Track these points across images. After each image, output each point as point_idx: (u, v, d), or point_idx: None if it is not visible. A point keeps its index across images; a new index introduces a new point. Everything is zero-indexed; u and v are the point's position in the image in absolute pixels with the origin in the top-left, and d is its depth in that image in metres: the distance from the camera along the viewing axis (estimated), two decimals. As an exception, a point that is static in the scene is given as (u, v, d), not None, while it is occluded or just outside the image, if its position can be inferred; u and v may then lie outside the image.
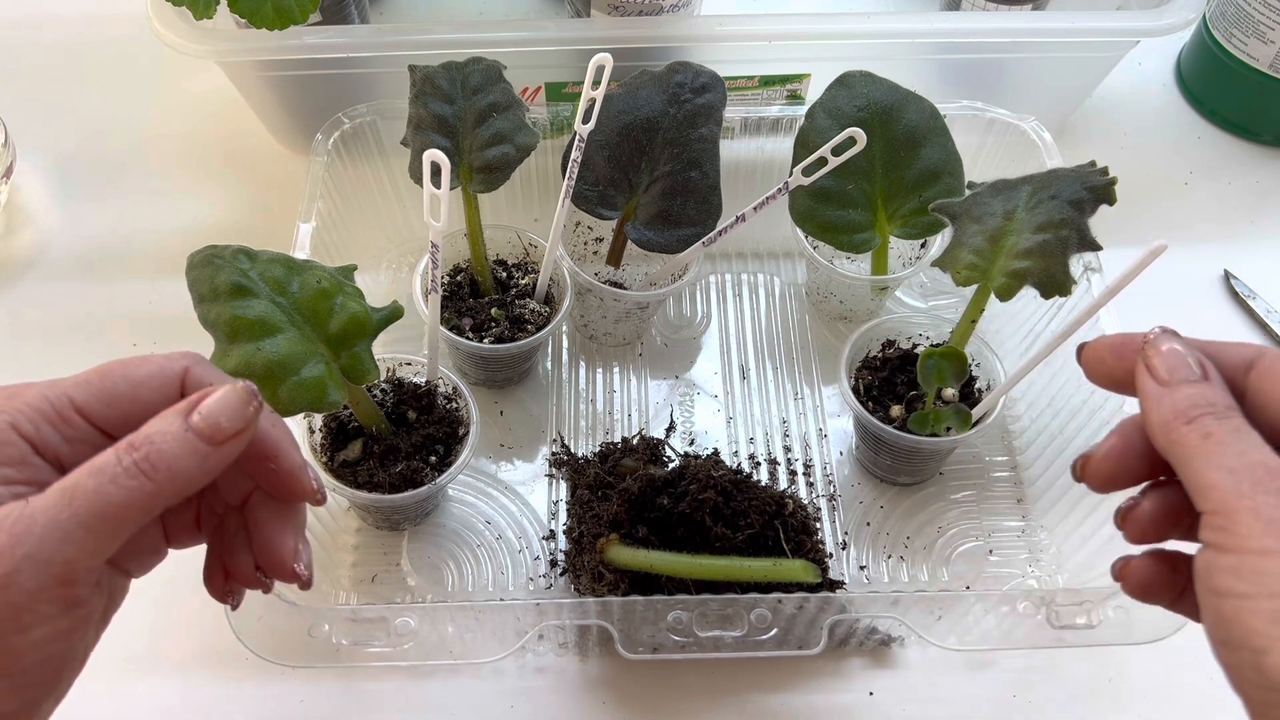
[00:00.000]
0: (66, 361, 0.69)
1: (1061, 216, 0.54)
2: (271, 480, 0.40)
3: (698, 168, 0.61)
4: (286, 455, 0.40)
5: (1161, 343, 0.37)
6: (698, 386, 0.70)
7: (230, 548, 0.41)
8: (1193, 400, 0.35)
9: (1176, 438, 0.34)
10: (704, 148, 0.61)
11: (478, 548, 0.62)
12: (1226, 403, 0.34)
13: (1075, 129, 0.86)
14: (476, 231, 0.64)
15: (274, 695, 0.57)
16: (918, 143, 0.63)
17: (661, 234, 0.62)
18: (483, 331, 0.64)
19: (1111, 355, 0.39)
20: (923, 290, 0.76)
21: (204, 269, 0.49)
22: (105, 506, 0.33)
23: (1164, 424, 0.35)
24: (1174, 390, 0.35)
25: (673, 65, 0.60)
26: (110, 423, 0.37)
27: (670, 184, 0.61)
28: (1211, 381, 0.35)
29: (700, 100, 0.60)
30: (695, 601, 0.51)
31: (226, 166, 0.81)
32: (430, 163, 0.46)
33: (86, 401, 0.37)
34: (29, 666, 0.34)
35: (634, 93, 0.59)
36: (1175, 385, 0.35)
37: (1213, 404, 0.34)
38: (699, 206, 0.62)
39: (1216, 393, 0.35)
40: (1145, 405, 0.36)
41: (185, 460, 0.35)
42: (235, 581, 0.41)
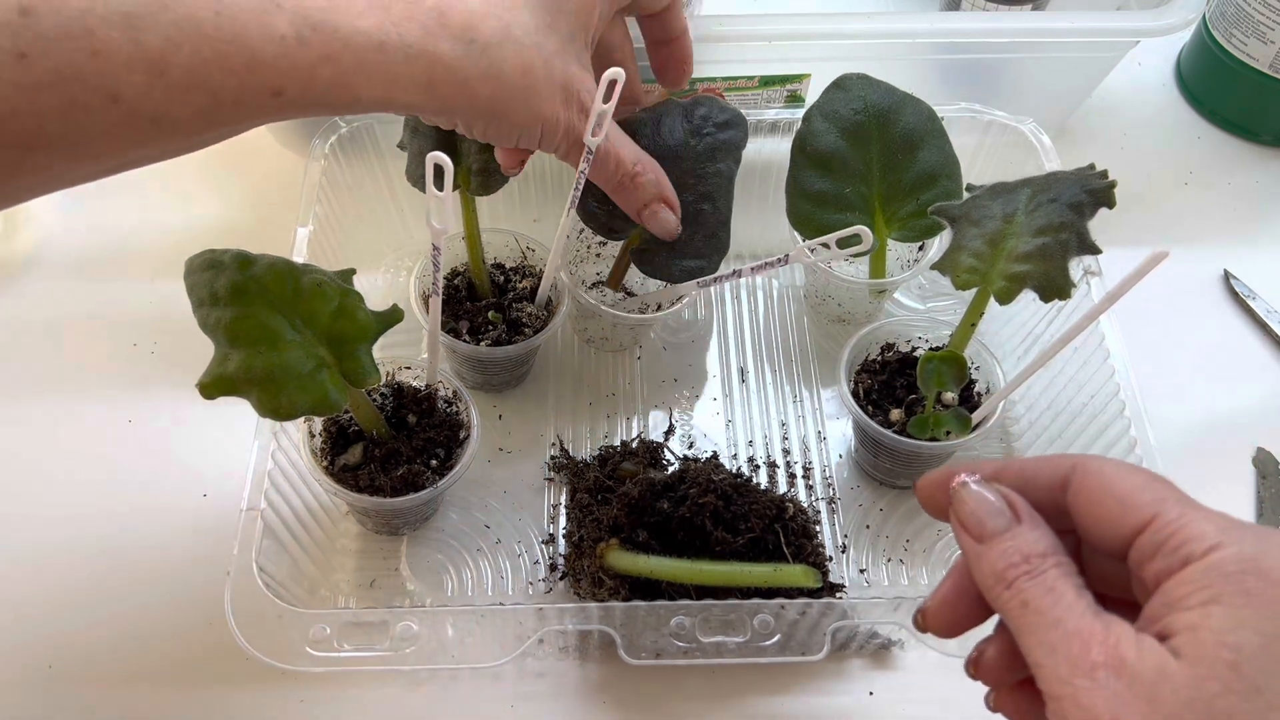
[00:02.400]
0: (66, 361, 0.70)
1: (1061, 220, 0.54)
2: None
3: (710, 201, 0.60)
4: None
5: (966, 491, 0.37)
6: (696, 389, 0.70)
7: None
8: (1007, 558, 0.34)
9: (1001, 605, 0.34)
10: (719, 183, 0.60)
11: (477, 552, 0.62)
12: (1040, 550, 0.34)
13: (1075, 129, 0.86)
14: (474, 235, 0.64)
15: (274, 698, 0.57)
16: (915, 145, 0.63)
17: (666, 263, 0.61)
18: (479, 335, 0.64)
19: (941, 492, 0.38)
20: (921, 293, 0.76)
21: (203, 273, 0.49)
22: None
23: (988, 589, 0.35)
24: (989, 548, 0.35)
25: (697, 98, 0.60)
26: None
27: (681, 214, 0.60)
28: (1024, 522, 0.35)
29: (722, 136, 0.60)
30: (698, 607, 0.51)
31: (227, 167, 0.81)
32: (433, 165, 0.46)
33: None
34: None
35: (658, 121, 0.59)
36: (989, 541, 0.35)
37: (1026, 557, 0.34)
38: (706, 240, 0.61)
39: (1029, 540, 0.35)
40: (969, 563, 0.36)
41: None
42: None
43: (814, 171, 0.63)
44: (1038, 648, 0.33)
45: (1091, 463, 0.36)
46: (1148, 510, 0.33)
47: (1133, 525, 0.33)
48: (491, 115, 0.47)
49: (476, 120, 0.48)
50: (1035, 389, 0.66)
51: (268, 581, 0.51)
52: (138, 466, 0.65)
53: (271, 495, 0.55)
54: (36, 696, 0.56)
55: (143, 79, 0.36)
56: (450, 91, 0.45)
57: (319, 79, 0.40)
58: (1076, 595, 0.33)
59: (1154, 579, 0.32)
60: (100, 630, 0.59)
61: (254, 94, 0.39)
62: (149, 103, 0.37)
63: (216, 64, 0.38)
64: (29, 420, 0.67)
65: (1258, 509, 0.65)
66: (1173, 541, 0.32)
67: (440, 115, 0.47)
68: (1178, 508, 0.33)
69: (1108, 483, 0.35)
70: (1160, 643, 0.31)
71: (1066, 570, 0.34)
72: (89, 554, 0.61)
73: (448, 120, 0.48)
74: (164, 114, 0.37)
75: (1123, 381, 0.59)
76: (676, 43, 0.58)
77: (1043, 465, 0.37)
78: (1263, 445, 0.68)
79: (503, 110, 0.47)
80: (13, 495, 0.64)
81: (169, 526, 0.62)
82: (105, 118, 0.36)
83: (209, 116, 0.39)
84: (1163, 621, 0.31)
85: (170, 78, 0.37)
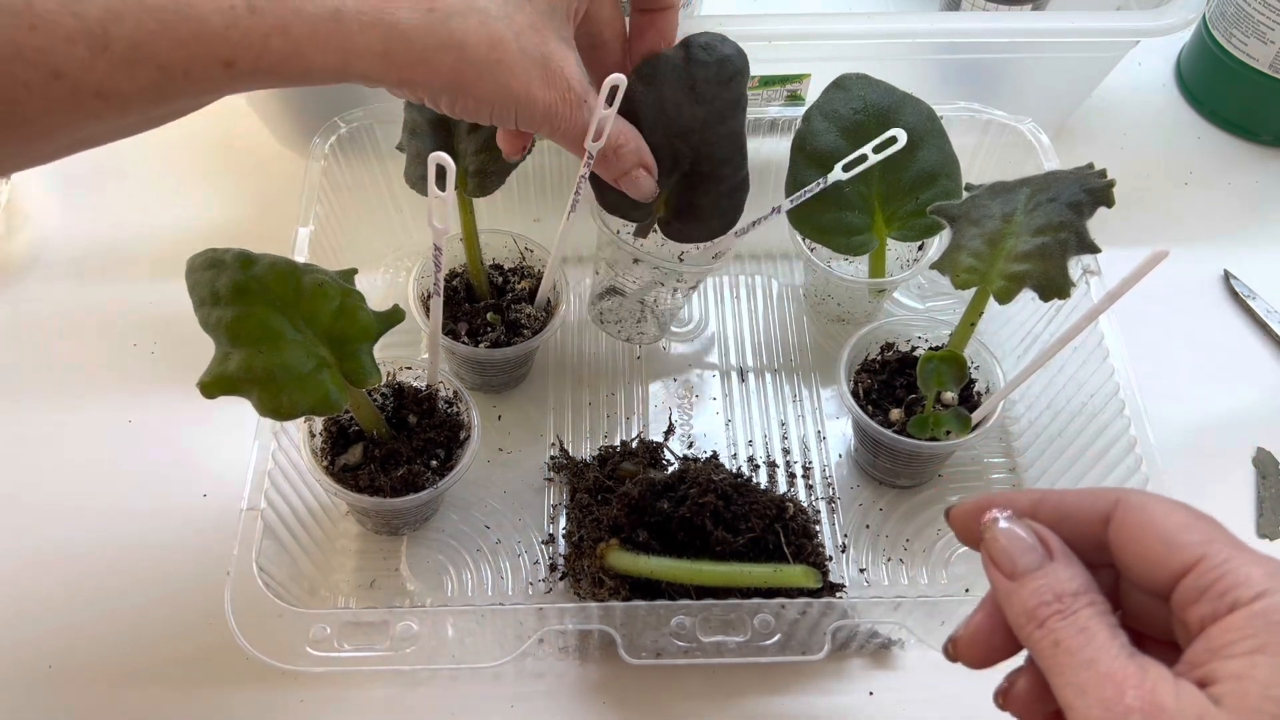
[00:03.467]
0: (66, 361, 0.70)
1: (1060, 219, 0.54)
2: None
3: (729, 164, 0.59)
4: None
5: (997, 529, 0.36)
6: (696, 389, 0.70)
7: None
8: (1039, 597, 0.34)
9: (1032, 644, 0.34)
10: (732, 142, 0.59)
11: (477, 552, 0.62)
12: (1074, 589, 0.33)
13: (1075, 129, 0.86)
14: (472, 236, 0.64)
15: (274, 698, 0.57)
16: (914, 145, 0.63)
17: (693, 227, 0.61)
18: (478, 336, 0.64)
19: (974, 523, 0.37)
20: (920, 292, 0.76)
21: (205, 272, 0.49)
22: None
23: (1019, 627, 0.34)
24: (1021, 586, 0.34)
25: (691, 49, 0.56)
26: None
27: (702, 179, 0.59)
28: (1057, 560, 0.34)
29: (726, 94, 0.57)
30: (698, 607, 0.51)
31: (227, 166, 0.81)
32: (435, 165, 0.46)
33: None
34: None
35: (658, 92, 0.56)
36: (1021, 579, 0.34)
37: (1059, 596, 0.33)
38: (730, 198, 0.60)
39: (1062, 578, 0.34)
40: (1000, 602, 0.35)
41: None
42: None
43: (814, 170, 0.63)
44: (1068, 688, 0.32)
45: (1135, 497, 0.34)
46: (1194, 551, 0.32)
47: (1178, 566, 0.32)
48: (455, 88, 0.45)
49: (440, 94, 0.46)
50: (1035, 388, 0.66)
51: (268, 581, 0.51)
52: (138, 466, 0.65)
53: (271, 495, 0.55)
54: (36, 696, 0.57)
55: (85, 53, 0.35)
56: (408, 61, 0.43)
57: (271, 50, 0.39)
58: (1110, 636, 0.32)
59: (1198, 623, 0.31)
60: (100, 630, 0.59)
61: (204, 66, 0.38)
62: (92, 77, 0.36)
63: (163, 35, 0.36)
64: (29, 420, 0.67)
65: (1258, 509, 0.65)
66: (1219, 586, 0.31)
67: (402, 87, 0.45)
68: (1226, 550, 0.32)
69: (1152, 520, 0.34)
70: (1200, 689, 0.30)
71: (1101, 610, 0.33)
72: (89, 554, 0.61)
73: (412, 92, 0.46)
74: (111, 89, 0.36)
75: (1122, 381, 0.59)
76: (663, 15, 0.55)
77: (1084, 499, 0.36)
78: (1263, 445, 0.68)
79: (467, 84, 0.45)
80: (13, 495, 0.64)
81: (169, 526, 0.62)
82: (49, 95, 0.35)
83: (159, 90, 0.38)
84: (1205, 668, 0.30)
85: (114, 51, 0.36)
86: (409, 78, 0.44)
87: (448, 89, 0.45)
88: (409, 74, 0.43)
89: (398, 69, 0.43)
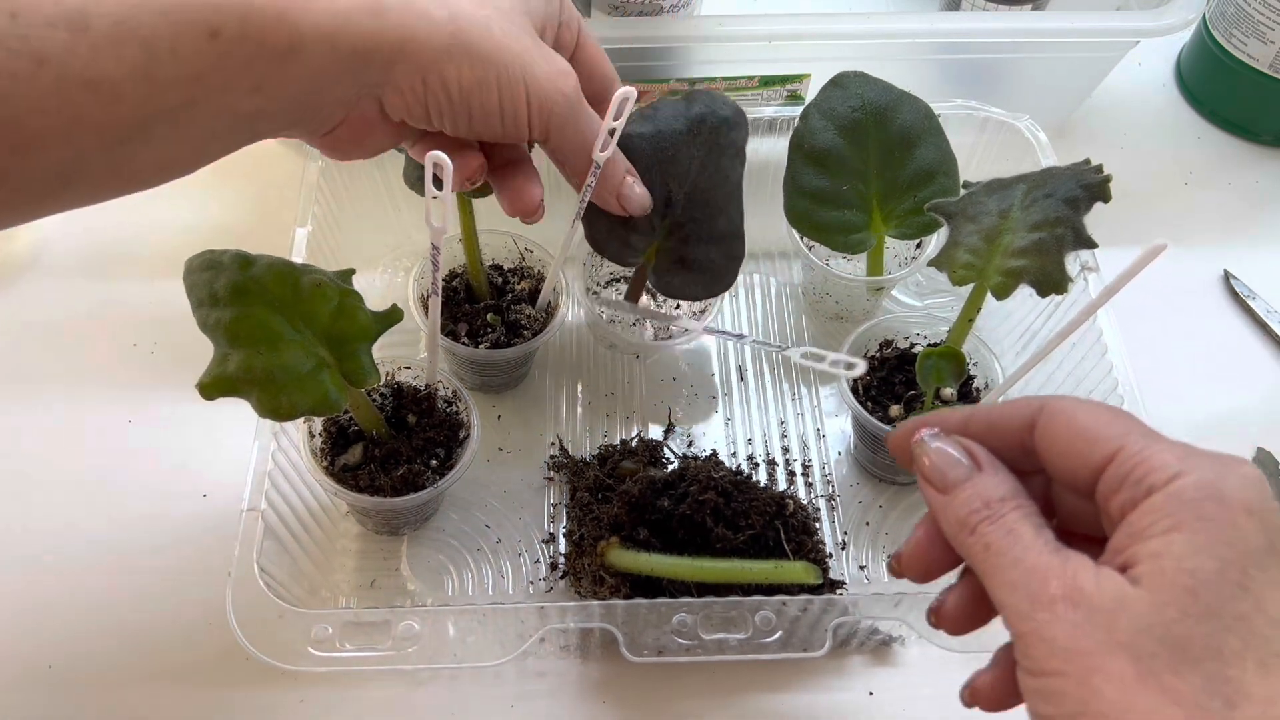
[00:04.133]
0: (66, 362, 0.70)
1: (1057, 215, 0.54)
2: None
3: (723, 214, 0.59)
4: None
5: (928, 446, 0.38)
6: (695, 387, 0.70)
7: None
8: (969, 506, 0.35)
9: (965, 551, 0.35)
10: (728, 191, 0.59)
11: (477, 552, 0.62)
12: (1000, 494, 0.35)
13: (1075, 129, 0.86)
14: (471, 236, 0.64)
15: (275, 698, 0.57)
16: (912, 143, 0.63)
17: (682, 282, 0.61)
18: (478, 337, 0.64)
19: (909, 445, 0.39)
20: (919, 289, 0.76)
21: (203, 273, 0.49)
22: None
23: (953, 536, 0.36)
24: (953, 498, 0.36)
25: (693, 95, 0.58)
26: None
27: (695, 229, 0.59)
28: (984, 470, 0.36)
29: (723, 140, 0.58)
30: (699, 604, 0.51)
31: (226, 167, 0.80)
32: (432, 165, 0.46)
33: None
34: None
35: (656, 128, 0.56)
36: (952, 491, 0.36)
37: (987, 503, 0.35)
38: (724, 254, 0.60)
39: (989, 486, 0.36)
40: (936, 515, 0.37)
41: None
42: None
43: (811, 169, 0.63)
44: (1001, 588, 0.33)
45: (1056, 403, 0.36)
46: (1112, 444, 0.34)
47: (1098, 460, 0.34)
48: (457, 46, 0.42)
49: (442, 58, 0.42)
50: (1034, 384, 0.66)
51: (269, 582, 0.51)
52: (138, 466, 0.65)
53: (272, 495, 0.55)
54: (36, 696, 0.57)
55: (66, 36, 0.34)
56: (403, 15, 0.41)
57: (255, 10, 0.38)
58: (1035, 534, 0.34)
59: (1119, 511, 0.33)
60: (100, 630, 0.59)
61: (190, 39, 0.37)
62: (77, 61, 0.35)
63: (142, 8, 0.36)
64: (29, 420, 0.67)
65: (1258, 507, 0.65)
66: (1136, 473, 0.33)
67: (400, 58, 0.42)
68: (1141, 440, 0.33)
69: (1072, 420, 0.35)
70: (1121, 573, 0.32)
71: (1027, 511, 0.35)
72: (89, 554, 0.61)
73: (411, 71, 0.43)
74: (98, 75, 0.35)
75: (1120, 376, 0.59)
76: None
77: (1010, 409, 0.37)
78: (1263, 445, 0.68)
79: (468, 40, 0.43)
80: (13, 495, 0.64)
81: (169, 527, 0.62)
82: (35, 85, 0.34)
83: (148, 75, 0.36)
84: (1126, 553, 0.32)
85: (95, 31, 0.35)
86: (407, 38, 0.41)
87: (452, 47, 0.42)
88: (406, 31, 0.41)
89: (394, 28, 0.41)
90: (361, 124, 0.45)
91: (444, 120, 0.45)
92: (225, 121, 0.40)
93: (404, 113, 0.45)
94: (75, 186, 0.39)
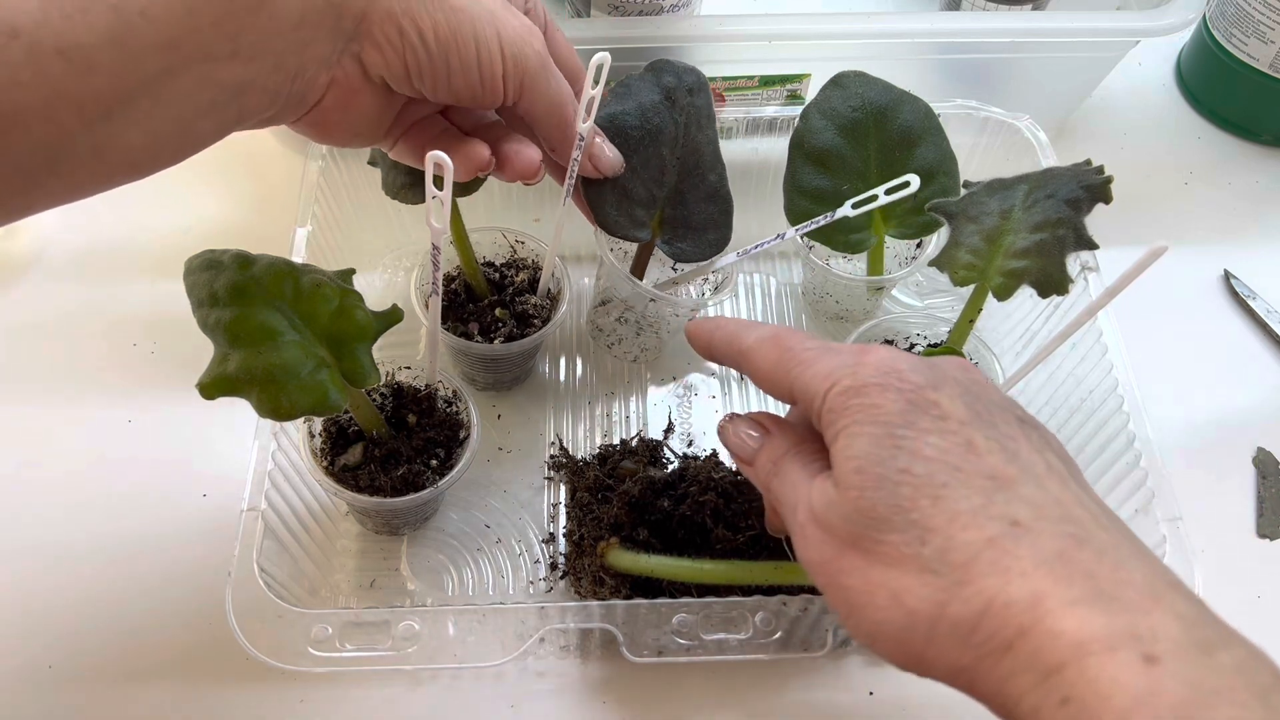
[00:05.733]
0: (66, 362, 0.70)
1: (1058, 215, 0.54)
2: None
3: (714, 171, 0.61)
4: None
5: (728, 430, 0.46)
6: (695, 387, 0.70)
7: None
8: (764, 470, 0.43)
9: (769, 497, 0.43)
10: (712, 149, 0.61)
11: (477, 552, 0.62)
12: (781, 451, 0.42)
13: (1075, 129, 0.86)
14: (463, 237, 0.64)
15: (275, 698, 0.57)
16: (913, 142, 0.63)
17: (694, 244, 0.62)
18: (491, 333, 0.64)
19: (699, 344, 0.48)
20: (919, 289, 0.76)
21: (203, 273, 0.49)
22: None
23: (763, 487, 0.44)
24: (755, 467, 0.44)
25: (655, 65, 0.59)
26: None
27: (692, 192, 0.60)
28: (772, 434, 0.44)
29: (698, 101, 0.60)
30: (699, 605, 0.51)
31: (226, 167, 0.81)
32: (432, 165, 0.46)
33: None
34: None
35: (638, 102, 0.58)
36: (751, 460, 0.44)
37: (775, 460, 0.42)
38: (721, 210, 0.62)
39: (775, 446, 0.43)
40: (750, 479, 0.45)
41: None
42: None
43: (812, 168, 0.63)
44: (783, 509, 0.41)
45: (750, 360, 0.44)
46: (786, 384, 0.41)
47: (787, 399, 0.42)
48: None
49: (415, 4, 0.43)
50: (1034, 385, 0.66)
51: (269, 582, 0.51)
52: (138, 466, 0.65)
53: (272, 495, 0.55)
54: (36, 696, 0.56)
55: (36, 5, 0.34)
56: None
57: None
58: (800, 471, 0.40)
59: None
60: (101, 630, 0.59)
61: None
62: (47, 31, 0.34)
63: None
64: (29, 420, 0.67)
65: (1258, 509, 0.65)
66: (804, 401, 0.40)
67: (372, 5, 0.42)
68: (795, 370, 0.41)
69: (758, 374, 0.43)
70: (829, 482, 0.38)
71: (797, 456, 0.41)
72: (89, 554, 0.61)
73: (379, 17, 0.43)
74: (70, 44, 0.35)
75: (1121, 377, 0.59)
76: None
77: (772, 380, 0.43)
78: (1263, 445, 0.68)
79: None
80: (12, 495, 0.64)
81: (169, 527, 0.62)
82: (8, 56, 0.34)
83: (120, 41, 0.36)
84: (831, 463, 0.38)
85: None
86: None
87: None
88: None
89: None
90: (346, 90, 0.45)
91: (424, 79, 0.45)
92: (208, 94, 0.40)
93: (383, 69, 0.44)
94: (60, 171, 0.37)
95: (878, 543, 0.36)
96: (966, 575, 0.34)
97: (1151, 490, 0.55)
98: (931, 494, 0.35)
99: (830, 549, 0.37)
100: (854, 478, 0.36)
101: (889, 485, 0.36)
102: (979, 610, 0.33)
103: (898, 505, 0.35)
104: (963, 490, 0.35)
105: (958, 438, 0.36)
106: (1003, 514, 0.35)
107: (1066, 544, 0.34)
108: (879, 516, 0.36)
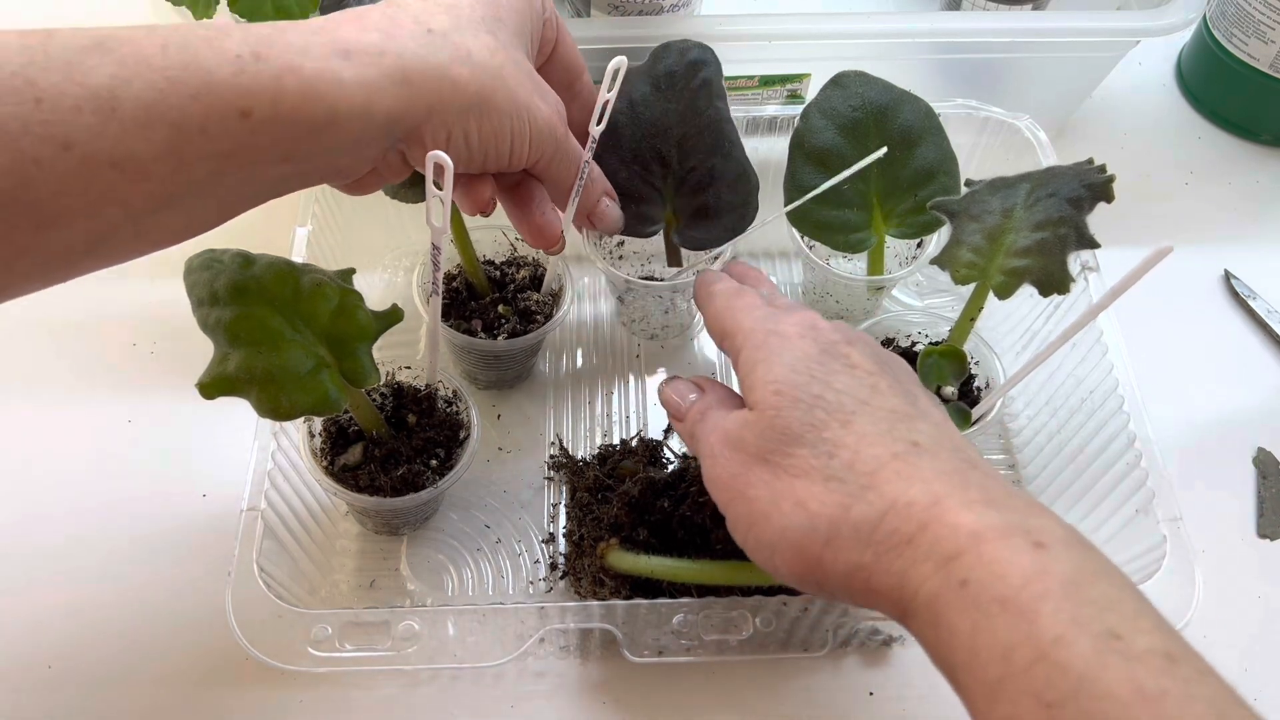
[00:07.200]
0: (66, 362, 0.70)
1: (1060, 214, 0.54)
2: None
3: (718, 153, 0.59)
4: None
5: (662, 393, 0.51)
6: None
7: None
8: (693, 421, 0.47)
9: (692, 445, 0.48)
10: (718, 128, 0.59)
11: (477, 552, 0.62)
12: (708, 404, 0.47)
13: (1075, 129, 0.86)
14: (463, 236, 0.64)
15: (275, 698, 0.57)
16: (913, 142, 0.63)
17: (707, 230, 0.62)
18: (495, 330, 0.64)
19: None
20: (919, 288, 0.76)
21: (203, 273, 0.49)
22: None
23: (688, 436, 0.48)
24: (686, 422, 0.48)
25: (657, 52, 0.59)
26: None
27: (698, 178, 0.60)
28: (706, 392, 0.49)
29: (696, 80, 0.58)
30: (699, 605, 0.51)
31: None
32: (433, 164, 0.46)
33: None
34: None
35: (629, 99, 0.58)
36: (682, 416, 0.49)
37: (703, 414, 0.47)
38: (734, 191, 0.61)
39: (706, 401, 0.48)
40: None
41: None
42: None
43: (812, 168, 0.63)
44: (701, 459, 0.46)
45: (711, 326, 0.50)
46: (733, 340, 0.47)
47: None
48: (480, 103, 0.44)
49: (467, 113, 0.44)
50: (1034, 384, 0.66)
51: (268, 582, 0.51)
52: (137, 467, 0.65)
53: (271, 495, 0.55)
54: (36, 696, 0.56)
55: (93, 119, 0.34)
56: (430, 81, 0.42)
57: (286, 91, 0.38)
58: (721, 415, 0.45)
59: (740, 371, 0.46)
60: (100, 630, 0.59)
61: (220, 118, 0.37)
62: (104, 144, 0.35)
63: (171, 91, 0.36)
64: (29, 420, 0.67)
65: (1258, 509, 0.65)
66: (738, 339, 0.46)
67: (428, 119, 0.43)
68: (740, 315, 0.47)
69: (715, 334, 0.50)
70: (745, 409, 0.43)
71: (721, 405, 0.46)
72: (89, 554, 0.61)
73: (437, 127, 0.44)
74: (124, 155, 0.35)
75: (1121, 377, 0.59)
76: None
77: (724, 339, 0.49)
78: (1263, 445, 0.68)
79: (489, 96, 0.44)
80: (12, 495, 0.64)
81: (169, 527, 0.62)
82: (59, 170, 0.34)
83: (176, 153, 0.37)
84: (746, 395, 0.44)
85: (123, 114, 0.35)
86: (434, 101, 0.43)
87: (474, 105, 0.44)
88: (434, 96, 0.43)
89: (424, 94, 0.42)
90: (385, 171, 0.47)
91: (458, 164, 0.46)
92: (253, 188, 0.41)
93: (424, 161, 0.45)
94: (99, 254, 0.39)
95: (787, 456, 0.41)
96: (872, 481, 0.39)
97: (1152, 490, 0.55)
98: (841, 419, 0.41)
99: (738, 464, 0.42)
100: (772, 398, 0.42)
101: (804, 406, 0.41)
102: (881, 510, 0.38)
103: (810, 424, 0.41)
104: (869, 419, 0.41)
105: (865, 381, 0.42)
106: (905, 437, 0.40)
107: (961, 464, 0.40)
108: (793, 433, 0.41)
